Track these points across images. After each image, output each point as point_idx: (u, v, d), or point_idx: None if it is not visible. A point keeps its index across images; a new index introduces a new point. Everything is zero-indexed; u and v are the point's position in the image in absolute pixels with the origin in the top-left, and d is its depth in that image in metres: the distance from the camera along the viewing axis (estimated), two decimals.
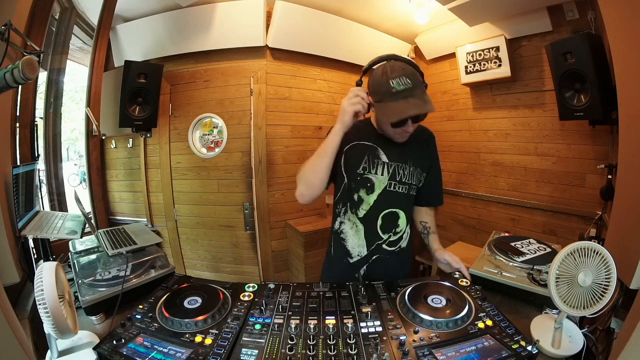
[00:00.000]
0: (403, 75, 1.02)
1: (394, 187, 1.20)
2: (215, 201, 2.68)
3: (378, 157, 1.20)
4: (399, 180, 1.20)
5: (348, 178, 1.21)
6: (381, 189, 1.20)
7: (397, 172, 1.20)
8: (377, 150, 1.20)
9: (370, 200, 1.20)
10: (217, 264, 2.79)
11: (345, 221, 1.24)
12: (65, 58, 2.59)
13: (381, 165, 1.20)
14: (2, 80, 0.85)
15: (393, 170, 1.20)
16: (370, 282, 1.08)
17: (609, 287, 0.76)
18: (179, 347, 0.76)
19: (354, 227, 1.23)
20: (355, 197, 1.21)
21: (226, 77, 2.58)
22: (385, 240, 1.22)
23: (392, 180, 1.20)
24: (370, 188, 1.20)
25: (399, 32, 2.91)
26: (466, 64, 2.63)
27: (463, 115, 2.89)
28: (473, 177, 2.87)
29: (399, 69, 1.03)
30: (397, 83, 1.01)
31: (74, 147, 3.11)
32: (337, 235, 1.27)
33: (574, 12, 2.04)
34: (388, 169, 1.20)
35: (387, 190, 1.20)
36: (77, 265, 1.15)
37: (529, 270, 1.08)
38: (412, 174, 1.21)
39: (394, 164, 1.20)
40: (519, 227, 2.53)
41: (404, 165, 1.21)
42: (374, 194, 1.20)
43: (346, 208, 1.24)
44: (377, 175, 1.20)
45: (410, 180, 1.21)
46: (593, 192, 2.03)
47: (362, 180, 1.20)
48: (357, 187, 1.21)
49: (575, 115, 1.87)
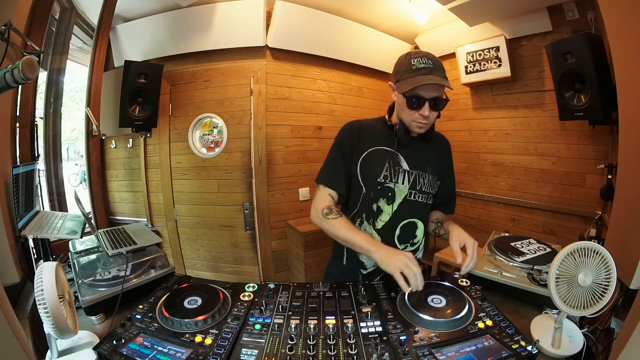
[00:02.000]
0: (425, 56, 1.04)
1: (415, 196, 1.14)
2: (215, 201, 2.68)
3: (399, 164, 1.14)
4: (419, 190, 1.15)
5: (367, 187, 1.13)
6: (402, 199, 1.14)
7: (418, 180, 1.15)
8: (398, 157, 1.14)
9: (389, 210, 1.14)
10: (217, 264, 2.79)
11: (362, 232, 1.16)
12: (65, 58, 2.59)
13: (402, 173, 1.14)
14: (2, 80, 0.85)
15: (414, 179, 1.14)
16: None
17: (609, 287, 0.76)
18: (179, 347, 0.76)
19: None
20: (374, 208, 1.14)
21: (226, 77, 2.58)
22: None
23: (413, 190, 1.14)
24: (391, 198, 1.13)
25: (399, 32, 2.91)
26: (466, 64, 2.63)
27: (463, 115, 2.89)
28: (473, 177, 2.87)
29: (422, 52, 1.06)
30: (418, 61, 1.03)
31: (74, 147, 3.11)
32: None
33: (574, 12, 2.05)
34: (409, 177, 1.14)
35: (407, 199, 1.14)
36: (77, 265, 1.15)
37: (529, 270, 1.08)
38: (430, 183, 1.17)
39: (414, 172, 1.15)
40: (519, 227, 2.53)
41: (424, 173, 1.16)
42: (394, 203, 1.14)
43: (362, 219, 1.16)
44: (398, 184, 1.13)
45: (429, 189, 1.17)
46: (593, 192, 2.03)
47: (382, 189, 1.13)
48: (376, 196, 1.14)
49: (575, 115, 1.87)
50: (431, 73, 1.02)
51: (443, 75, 1.04)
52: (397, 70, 1.09)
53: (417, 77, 1.02)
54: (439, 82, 1.01)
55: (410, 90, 1.02)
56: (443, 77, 1.03)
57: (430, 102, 1.04)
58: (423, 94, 1.03)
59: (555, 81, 1.95)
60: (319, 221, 1.12)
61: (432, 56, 1.06)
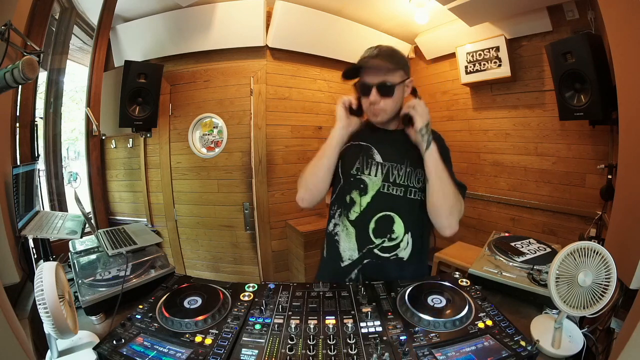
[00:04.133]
0: (377, 47, 1.08)
1: (388, 189, 1.14)
2: (215, 201, 2.68)
3: (372, 157, 1.16)
4: (393, 182, 1.14)
5: (344, 179, 1.18)
6: (375, 191, 1.14)
7: (392, 172, 1.14)
8: (371, 150, 1.17)
9: (363, 202, 1.15)
10: (217, 264, 2.79)
11: (339, 223, 1.20)
12: (65, 58, 2.59)
13: (375, 165, 1.15)
14: (2, 80, 0.85)
15: (387, 171, 1.14)
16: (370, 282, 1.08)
17: (609, 287, 0.76)
18: (179, 347, 0.76)
19: (344, 229, 1.18)
20: (347, 199, 1.17)
21: (226, 77, 2.58)
22: (377, 245, 1.15)
23: (386, 182, 1.14)
24: (364, 190, 1.15)
25: (399, 32, 2.91)
26: (466, 64, 2.63)
27: (463, 115, 2.89)
28: (473, 177, 2.87)
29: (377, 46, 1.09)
30: (367, 51, 1.08)
31: (74, 147, 3.11)
32: (332, 237, 1.22)
33: (574, 12, 2.05)
34: (382, 169, 1.15)
35: (381, 192, 1.14)
36: (77, 265, 1.15)
37: (529, 270, 1.08)
38: (408, 175, 1.14)
39: (388, 164, 1.15)
40: (519, 227, 2.53)
41: (400, 165, 1.15)
42: (367, 195, 1.15)
43: (340, 209, 1.20)
44: (370, 176, 1.15)
45: (406, 181, 1.14)
46: (593, 192, 2.03)
47: (355, 181, 1.16)
48: (350, 188, 1.16)
49: (575, 115, 1.87)
50: (375, 58, 1.06)
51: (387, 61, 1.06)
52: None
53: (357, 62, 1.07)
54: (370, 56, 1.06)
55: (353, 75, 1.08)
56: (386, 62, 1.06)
57: (377, 88, 1.07)
58: (367, 80, 1.08)
59: (555, 81, 1.95)
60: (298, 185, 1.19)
61: (385, 47, 1.09)
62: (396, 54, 1.11)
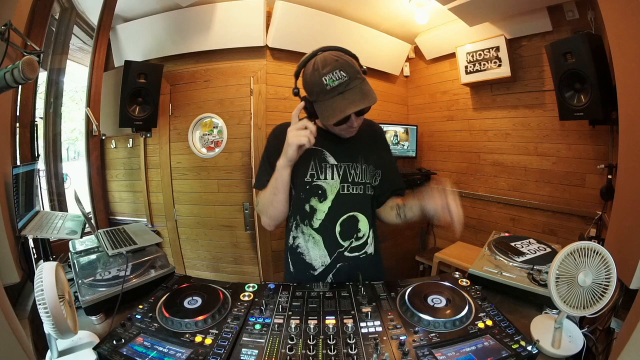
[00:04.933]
0: (336, 68, 0.93)
1: (348, 189, 1.12)
2: (215, 201, 2.68)
3: (325, 160, 1.11)
4: (352, 181, 1.12)
5: (296, 189, 1.11)
6: (334, 194, 1.11)
7: (349, 172, 1.12)
8: (323, 153, 1.12)
9: (324, 207, 1.11)
10: (217, 264, 2.79)
11: (299, 235, 1.15)
12: (65, 58, 2.59)
13: (330, 168, 1.11)
14: (2, 80, 0.85)
15: (344, 172, 1.12)
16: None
17: (609, 287, 0.76)
18: (179, 347, 0.76)
19: (310, 239, 1.13)
20: (307, 208, 1.12)
21: (226, 77, 2.58)
22: (346, 248, 1.14)
23: (345, 183, 1.11)
24: (322, 195, 1.11)
25: (399, 32, 2.91)
26: (466, 64, 2.63)
27: (463, 115, 2.89)
28: (473, 177, 2.87)
29: (331, 62, 0.94)
30: (330, 79, 0.93)
31: (74, 147, 3.12)
32: (294, 251, 1.17)
33: (574, 12, 2.05)
34: (338, 171, 1.11)
35: (340, 194, 1.11)
36: (77, 265, 1.15)
37: (529, 270, 1.08)
38: (364, 172, 1.14)
39: (343, 164, 1.12)
40: (519, 227, 2.53)
41: (355, 164, 1.13)
42: (327, 200, 1.11)
43: (297, 221, 1.15)
44: (327, 180, 1.11)
45: (363, 179, 1.13)
46: (593, 192, 2.03)
47: (311, 188, 1.11)
48: (307, 196, 1.11)
49: (575, 115, 1.87)
50: (348, 89, 0.94)
51: (361, 82, 0.96)
52: (310, 90, 0.99)
53: (336, 102, 0.94)
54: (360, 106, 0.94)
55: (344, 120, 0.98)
56: (362, 86, 0.96)
57: (357, 112, 0.99)
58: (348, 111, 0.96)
59: (555, 81, 1.95)
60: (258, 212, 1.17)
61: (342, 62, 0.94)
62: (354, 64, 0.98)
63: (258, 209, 1.17)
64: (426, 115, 3.24)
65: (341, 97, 0.94)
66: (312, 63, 0.99)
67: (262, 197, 1.14)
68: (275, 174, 1.05)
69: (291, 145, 0.97)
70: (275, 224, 1.17)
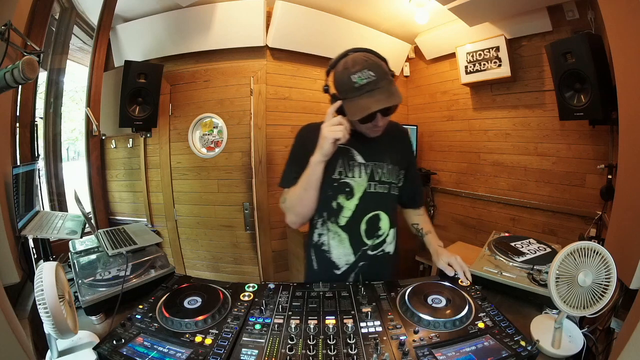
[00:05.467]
0: (365, 68, 0.96)
1: (375, 187, 1.14)
2: (215, 201, 2.68)
3: (353, 158, 1.13)
4: (379, 180, 1.14)
5: (323, 186, 1.11)
6: (361, 192, 1.13)
7: (376, 171, 1.14)
8: (351, 152, 1.14)
9: (351, 205, 1.13)
10: (217, 264, 2.79)
11: (325, 232, 1.16)
12: (65, 58, 2.59)
13: (358, 167, 1.13)
14: (2, 80, 0.85)
15: (371, 171, 1.14)
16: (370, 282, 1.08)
17: (609, 287, 0.76)
18: (179, 347, 0.76)
19: (336, 237, 1.15)
20: (333, 205, 1.13)
21: (226, 77, 2.58)
22: (369, 246, 1.16)
23: (372, 181, 1.14)
24: (350, 193, 1.13)
25: (399, 32, 2.91)
26: (466, 64, 2.63)
27: (463, 115, 2.89)
28: (473, 177, 2.87)
29: (360, 62, 0.98)
30: (359, 77, 0.96)
31: (74, 147, 3.12)
32: (318, 248, 1.19)
33: (574, 12, 2.05)
34: (366, 170, 1.13)
35: (367, 192, 1.13)
36: (77, 265, 1.15)
37: (529, 270, 1.08)
38: (390, 172, 1.16)
39: (371, 163, 1.14)
40: (519, 227, 2.53)
41: (382, 163, 1.15)
42: (354, 198, 1.13)
43: (324, 218, 1.16)
44: (355, 178, 1.13)
45: (389, 179, 1.16)
46: (593, 192, 2.03)
47: (339, 185, 1.13)
48: (334, 194, 1.13)
49: (575, 115, 1.87)
50: (375, 89, 0.97)
51: (389, 83, 0.99)
52: (339, 87, 1.03)
53: (363, 99, 0.97)
54: (385, 105, 0.97)
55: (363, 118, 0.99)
56: (389, 86, 0.99)
57: (382, 112, 1.01)
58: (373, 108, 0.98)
59: (555, 81, 1.95)
60: (284, 210, 1.16)
61: (372, 62, 0.98)
62: (382, 65, 1.01)
63: (284, 207, 1.17)
64: (426, 115, 3.24)
65: (368, 95, 0.97)
66: (343, 62, 1.02)
67: (290, 195, 1.14)
68: (308, 170, 1.06)
69: (327, 139, 0.99)
70: (302, 221, 1.18)
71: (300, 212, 1.14)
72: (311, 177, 1.05)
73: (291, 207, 1.14)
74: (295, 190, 1.11)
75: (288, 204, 1.15)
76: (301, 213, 1.15)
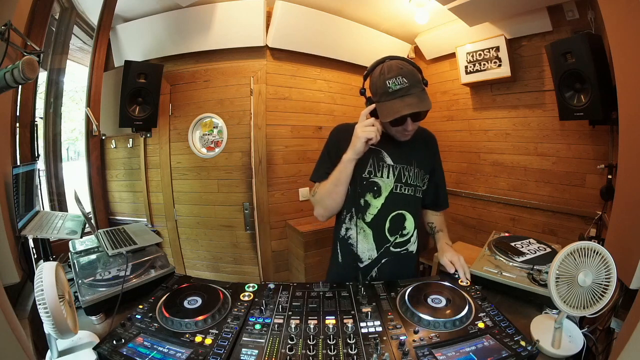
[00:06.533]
0: (399, 74, 1.03)
1: (400, 189, 1.20)
2: (215, 201, 2.68)
3: (383, 159, 1.20)
4: (405, 182, 1.21)
5: (353, 183, 1.18)
6: (388, 192, 1.20)
7: (403, 174, 1.21)
8: (381, 153, 1.21)
9: (377, 203, 1.20)
10: (217, 264, 2.79)
11: (352, 227, 1.23)
12: (65, 58, 2.59)
13: (386, 168, 1.20)
14: (2, 80, 0.85)
15: (399, 173, 1.20)
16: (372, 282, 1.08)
17: (609, 287, 0.76)
18: (179, 347, 0.76)
19: (361, 232, 1.22)
20: (361, 202, 1.20)
21: (226, 77, 2.58)
22: (392, 243, 1.22)
23: (398, 183, 1.20)
24: (377, 192, 1.20)
25: (399, 32, 2.91)
26: (466, 64, 2.63)
27: (463, 115, 2.89)
28: (473, 177, 2.87)
29: (395, 69, 1.05)
30: (393, 83, 1.03)
31: (74, 147, 3.12)
32: (345, 242, 1.26)
33: (574, 12, 2.05)
34: (393, 171, 1.20)
35: (393, 192, 1.20)
36: (77, 265, 1.15)
37: (529, 270, 1.08)
38: (416, 176, 1.23)
39: (399, 166, 1.21)
40: (519, 227, 2.53)
41: (409, 167, 1.21)
42: (381, 197, 1.20)
43: (352, 214, 1.23)
44: (383, 179, 1.20)
45: (415, 182, 1.22)
46: (593, 192, 2.03)
47: (368, 184, 1.20)
48: (363, 191, 1.20)
49: (575, 115, 1.87)
50: (408, 94, 1.03)
51: (421, 90, 1.05)
52: (375, 91, 1.10)
53: (395, 103, 1.03)
54: (416, 109, 1.03)
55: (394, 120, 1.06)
56: (421, 93, 1.05)
57: (412, 117, 1.08)
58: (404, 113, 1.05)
59: (555, 81, 1.95)
60: (313, 202, 1.24)
61: (406, 70, 1.05)
62: (416, 74, 1.07)
63: (314, 200, 1.24)
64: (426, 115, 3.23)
65: (400, 100, 1.04)
66: (380, 68, 1.09)
67: (320, 189, 1.21)
68: (340, 167, 1.12)
69: (360, 139, 1.05)
70: (329, 215, 1.24)
71: (328, 205, 1.21)
72: (342, 173, 1.12)
73: (320, 200, 1.21)
74: (326, 185, 1.18)
75: (318, 197, 1.22)
76: (329, 207, 1.21)
